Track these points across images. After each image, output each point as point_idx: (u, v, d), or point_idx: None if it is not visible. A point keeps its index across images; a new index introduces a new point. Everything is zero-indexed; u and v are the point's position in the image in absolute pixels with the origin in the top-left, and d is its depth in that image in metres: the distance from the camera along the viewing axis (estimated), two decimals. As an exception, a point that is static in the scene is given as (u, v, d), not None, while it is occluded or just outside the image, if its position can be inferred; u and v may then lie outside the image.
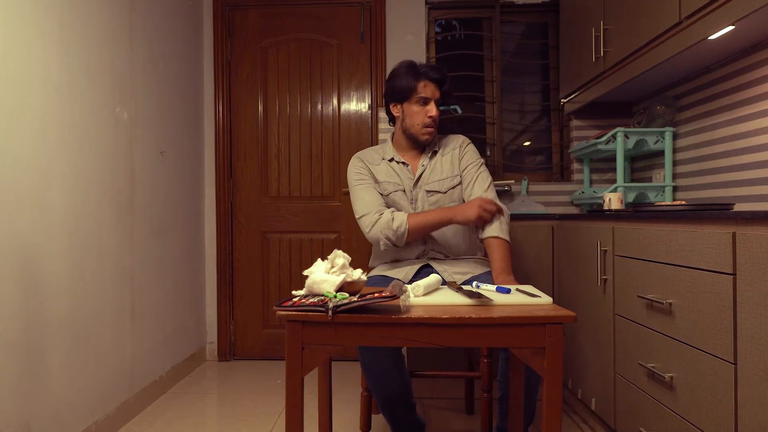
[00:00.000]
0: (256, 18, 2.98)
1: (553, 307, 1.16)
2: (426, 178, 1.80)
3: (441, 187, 1.79)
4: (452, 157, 1.83)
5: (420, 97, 1.74)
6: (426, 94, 1.74)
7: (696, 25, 1.62)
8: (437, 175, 1.80)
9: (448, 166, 1.82)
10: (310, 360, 1.10)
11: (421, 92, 1.73)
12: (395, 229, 1.67)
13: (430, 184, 1.79)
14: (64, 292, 1.73)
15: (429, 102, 1.74)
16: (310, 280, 1.23)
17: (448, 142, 1.88)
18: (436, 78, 1.74)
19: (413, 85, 1.73)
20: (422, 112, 1.75)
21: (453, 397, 2.32)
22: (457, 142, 1.87)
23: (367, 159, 1.86)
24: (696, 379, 1.23)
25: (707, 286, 1.18)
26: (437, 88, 1.75)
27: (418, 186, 1.80)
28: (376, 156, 1.87)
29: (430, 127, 1.77)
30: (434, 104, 1.75)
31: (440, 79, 1.74)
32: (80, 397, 1.80)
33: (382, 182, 1.81)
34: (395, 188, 1.80)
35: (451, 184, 1.80)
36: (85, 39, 1.86)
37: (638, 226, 1.53)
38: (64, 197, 1.73)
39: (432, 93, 1.74)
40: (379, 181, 1.81)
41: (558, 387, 1.06)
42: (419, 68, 1.75)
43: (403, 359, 1.68)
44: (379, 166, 1.83)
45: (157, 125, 2.41)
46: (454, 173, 1.81)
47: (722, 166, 1.99)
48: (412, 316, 1.08)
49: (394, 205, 1.80)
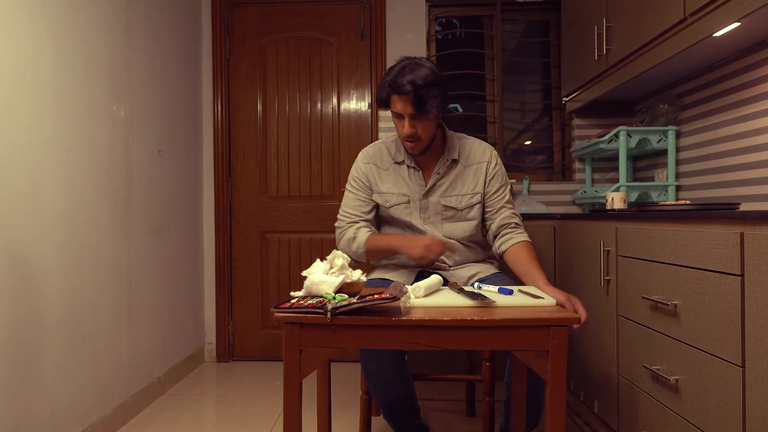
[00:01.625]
0: (255, 16, 2.95)
1: (556, 309, 1.13)
2: (442, 190, 1.65)
3: (459, 203, 1.65)
4: (477, 171, 1.66)
5: (393, 111, 1.55)
6: (396, 110, 1.53)
7: (701, 21, 1.60)
8: (457, 189, 1.65)
9: (471, 180, 1.65)
10: (308, 363, 1.08)
11: (392, 107, 1.53)
12: (354, 249, 1.64)
13: (448, 199, 1.65)
14: (59, 291, 1.70)
15: (402, 117, 1.53)
16: (309, 281, 1.20)
17: (472, 151, 1.68)
18: (404, 93, 1.47)
19: (386, 98, 1.53)
20: (399, 125, 1.56)
21: (454, 399, 2.30)
22: (484, 155, 1.67)
23: (376, 161, 1.71)
24: (702, 382, 1.21)
25: (714, 287, 1.16)
26: (408, 103, 1.48)
27: (429, 196, 1.66)
28: (387, 156, 1.70)
29: (410, 142, 1.57)
30: (408, 120, 1.51)
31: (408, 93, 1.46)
32: (76, 398, 1.78)
33: (385, 193, 1.68)
34: (399, 201, 1.67)
35: (470, 203, 1.65)
36: (80, 35, 1.83)
37: (642, 225, 1.50)
38: (58, 195, 1.71)
39: (402, 109, 1.50)
40: (382, 191, 1.68)
41: (562, 391, 1.04)
42: (393, 79, 1.49)
43: (406, 363, 1.63)
44: (387, 171, 1.68)
45: (155, 124, 2.38)
46: (475, 190, 1.65)
47: (726, 165, 1.97)
48: (413, 318, 1.05)
49: (396, 220, 1.68)
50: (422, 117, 1.50)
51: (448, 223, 1.66)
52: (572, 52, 2.58)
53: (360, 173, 1.72)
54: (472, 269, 1.67)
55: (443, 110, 1.56)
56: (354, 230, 1.66)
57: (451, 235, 1.67)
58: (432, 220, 1.67)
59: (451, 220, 1.66)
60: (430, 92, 1.46)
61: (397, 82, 1.47)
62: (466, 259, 1.71)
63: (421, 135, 1.55)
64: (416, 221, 1.67)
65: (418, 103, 1.47)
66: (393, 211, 1.68)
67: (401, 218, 1.68)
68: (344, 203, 1.73)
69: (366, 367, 1.57)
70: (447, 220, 1.66)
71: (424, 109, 1.48)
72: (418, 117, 1.50)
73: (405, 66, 1.50)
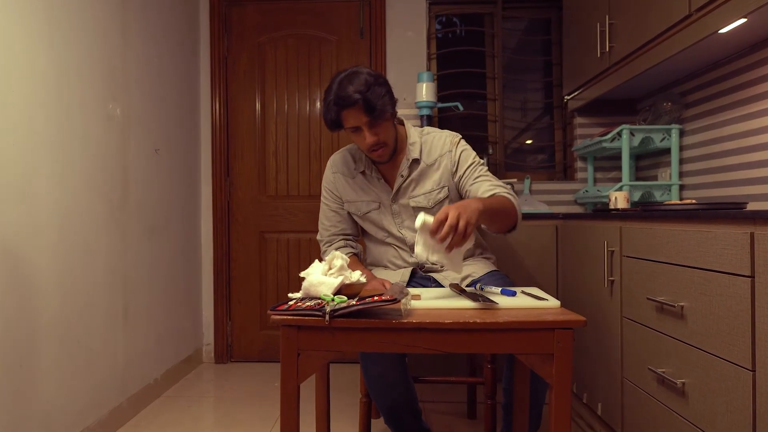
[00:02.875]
0: (254, 13, 2.92)
1: (561, 311, 1.10)
2: (408, 191, 1.60)
3: (427, 202, 1.59)
4: (439, 165, 1.60)
5: (348, 128, 1.48)
6: (351, 125, 1.46)
7: (706, 18, 1.57)
8: (422, 188, 1.59)
9: (435, 176, 1.59)
10: (306, 367, 1.05)
11: (346, 123, 1.47)
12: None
13: (416, 199, 1.59)
14: (52, 292, 1.67)
15: (360, 130, 1.47)
16: (307, 282, 1.17)
17: (433, 146, 1.61)
18: (350, 104, 1.42)
19: (336, 117, 1.47)
20: (359, 138, 1.49)
21: (455, 401, 2.27)
22: (444, 146, 1.60)
23: (342, 169, 1.67)
24: (710, 385, 1.18)
25: (723, 288, 1.13)
26: (360, 113, 1.42)
27: (398, 200, 1.61)
28: (350, 165, 1.66)
29: (375, 151, 1.51)
30: (366, 130, 1.45)
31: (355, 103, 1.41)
32: (70, 401, 1.75)
33: (355, 202, 1.65)
34: (369, 207, 1.63)
35: (437, 199, 1.59)
36: (74, 32, 1.80)
37: (648, 225, 1.47)
38: (51, 194, 1.68)
39: (356, 120, 1.44)
40: (352, 200, 1.65)
41: (567, 395, 1.01)
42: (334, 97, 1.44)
43: (407, 367, 1.60)
44: (355, 179, 1.65)
45: (152, 122, 2.35)
46: (441, 185, 1.59)
47: (731, 164, 1.94)
48: (413, 321, 1.03)
49: (373, 224, 1.65)
50: (379, 120, 1.46)
51: None
52: (574, 50, 2.55)
53: (329, 183, 1.70)
54: (465, 269, 1.61)
55: (394, 107, 1.51)
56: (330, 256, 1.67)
57: None
58: (407, 224, 1.62)
59: None
60: (376, 93, 1.42)
61: (341, 96, 1.42)
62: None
63: (384, 140, 1.50)
64: (391, 227, 1.64)
65: (369, 109, 1.42)
66: (368, 217, 1.65)
67: (378, 223, 1.65)
68: (321, 214, 1.73)
69: (366, 371, 1.53)
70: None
71: (378, 112, 1.43)
72: (375, 122, 1.46)
73: (342, 80, 1.45)
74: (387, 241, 1.67)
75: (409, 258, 1.64)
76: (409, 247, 1.63)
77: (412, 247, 1.61)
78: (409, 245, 1.62)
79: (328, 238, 1.71)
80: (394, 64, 2.84)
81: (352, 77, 1.44)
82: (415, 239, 1.20)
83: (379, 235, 1.68)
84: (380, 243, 1.70)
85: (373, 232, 1.69)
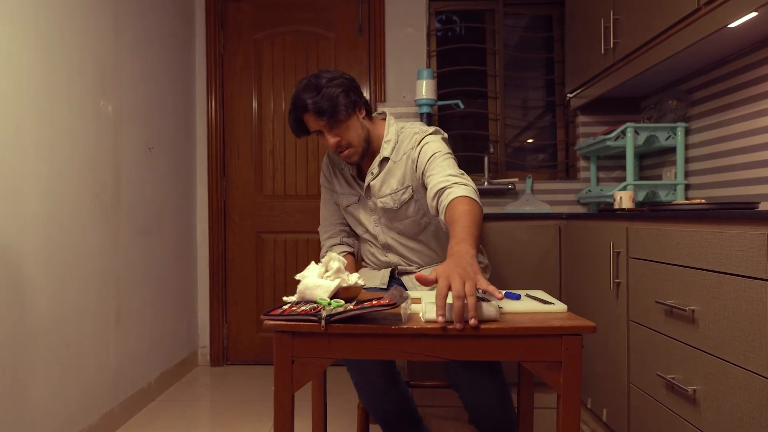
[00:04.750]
0: (250, 9, 2.87)
1: (568, 316, 1.05)
2: (377, 190, 1.53)
3: (393, 203, 1.51)
4: (403, 163, 1.50)
5: (313, 132, 1.47)
6: (312, 129, 1.46)
7: (716, 11, 1.52)
8: (388, 187, 1.51)
9: (400, 174, 1.50)
10: (301, 374, 1.00)
11: (309, 128, 1.46)
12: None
13: (383, 199, 1.52)
14: (40, 294, 1.62)
15: (322, 133, 1.45)
16: (302, 285, 1.12)
17: (402, 143, 1.52)
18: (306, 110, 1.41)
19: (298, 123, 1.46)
20: (325, 142, 1.47)
21: (457, 406, 2.21)
22: (411, 141, 1.50)
23: (334, 160, 1.65)
24: (723, 393, 1.13)
25: (737, 292, 1.08)
26: (316, 117, 1.41)
27: (370, 197, 1.56)
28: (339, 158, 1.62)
29: (343, 153, 1.48)
30: (327, 133, 1.43)
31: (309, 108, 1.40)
32: (59, 406, 1.69)
33: (340, 194, 1.63)
34: (350, 201, 1.61)
35: (402, 199, 1.50)
36: (63, 25, 1.75)
37: (656, 226, 1.42)
38: (39, 194, 1.62)
39: (315, 124, 1.43)
40: (338, 192, 1.64)
41: (576, 406, 0.95)
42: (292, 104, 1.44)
43: (399, 374, 1.54)
44: (342, 172, 1.63)
45: (145, 120, 2.30)
46: (404, 185, 1.49)
47: (739, 163, 1.89)
48: (413, 327, 0.97)
49: (353, 218, 1.62)
50: (336, 121, 1.42)
51: (396, 222, 1.55)
52: (577, 47, 2.50)
53: (324, 173, 1.70)
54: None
55: (355, 106, 1.45)
56: (326, 248, 1.67)
57: (403, 232, 1.56)
58: (383, 221, 1.57)
59: (395, 219, 1.54)
60: (327, 94, 1.39)
61: (296, 104, 1.43)
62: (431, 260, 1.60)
63: (348, 141, 1.45)
64: (368, 222, 1.60)
65: (319, 112, 1.39)
66: (348, 210, 1.64)
67: (356, 217, 1.62)
68: (321, 205, 1.73)
69: (354, 380, 1.48)
70: (393, 220, 1.55)
71: (329, 113, 1.39)
72: (333, 124, 1.42)
73: (299, 89, 1.43)
74: (364, 237, 1.65)
75: (381, 256, 1.62)
76: (381, 245, 1.60)
77: (383, 245, 1.60)
78: (381, 244, 1.60)
79: (327, 230, 1.70)
80: (393, 62, 2.79)
81: (307, 84, 1.42)
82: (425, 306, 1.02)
83: (358, 230, 1.66)
84: (360, 237, 1.69)
85: (354, 226, 1.68)
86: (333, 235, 1.69)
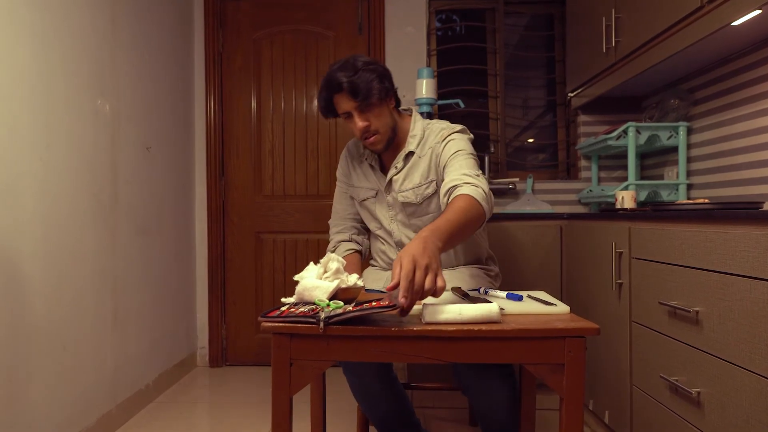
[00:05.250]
0: (249, 8, 2.85)
1: (571, 317, 1.03)
2: (399, 185, 1.52)
3: (415, 197, 1.50)
4: (430, 156, 1.49)
5: (340, 114, 1.45)
6: (342, 110, 1.44)
7: (719, 9, 1.50)
8: (411, 181, 1.50)
9: (424, 168, 1.49)
10: (299, 377, 0.98)
11: (338, 109, 1.44)
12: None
13: (405, 194, 1.50)
14: (36, 296, 1.60)
15: (351, 116, 1.43)
16: (301, 286, 1.10)
17: (429, 138, 1.52)
18: (339, 89, 1.39)
19: (328, 104, 1.44)
20: (352, 125, 1.45)
21: (457, 407, 2.20)
22: (438, 136, 1.49)
23: (353, 152, 1.64)
24: (728, 396, 1.11)
25: (743, 293, 1.06)
26: (348, 98, 1.39)
27: (391, 192, 1.54)
28: (361, 149, 1.61)
29: (368, 139, 1.45)
30: (357, 116, 1.41)
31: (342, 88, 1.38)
32: (56, 408, 1.68)
33: (357, 188, 1.61)
34: (367, 195, 1.58)
35: (425, 194, 1.49)
36: (60, 26, 1.73)
37: (659, 226, 1.41)
38: (35, 193, 1.60)
39: (346, 105, 1.41)
40: (354, 185, 1.62)
41: (579, 409, 0.94)
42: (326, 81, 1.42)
43: (395, 377, 1.52)
44: (361, 165, 1.61)
45: (143, 120, 2.28)
46: (429, 179, 1.49)
47: (742, 162, 1.87)
48: (414, 329, 0.95)
49: (369, 213, 1.59)
50: (367, 104, 1.40)
51: (414, 219, 1.53)
52: (578, 46, 2.48)
53: (341, 167, 1.67)
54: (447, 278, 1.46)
55: (387, 93, 1.45)
56: (335, 243, 1.64)
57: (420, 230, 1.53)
58: (399, 218, 1.55)
59: (414, 215, 1.53)
60: (363, 77, 1.38)
61: (329, 82, 1.41)
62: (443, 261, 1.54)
63: (376, 127, 1.44)
64: (384, 218, 1.57)
65: (353, 92, 1.38)
66: (364, 205, 1.61)
67: (372, 212, 1.59)
68: (334, 198, 1.70)
69: (350, 384, 1.46)
70: (411, 216, 1.53)
71: (363, 95, 1.38)
72: (364, 107, 1.41)
73: (334, 68, 1.42)
74: (377, 233, 1.62)
75: (393, 255, 1.58)
76: (395, 243, 1.57)
77: (397, 243, 1.56)
78: (395, 241, 1.57)
79: (338, 224, 1.67)
80: (393, 61, 2.77)
81: (344, 63, 1.41)
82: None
83: (371, 225, 1.63)
84: (372, 234, 1.66)
85: (367, 221, 1.64)
86: (343, 230, 1.65)
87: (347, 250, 1.59)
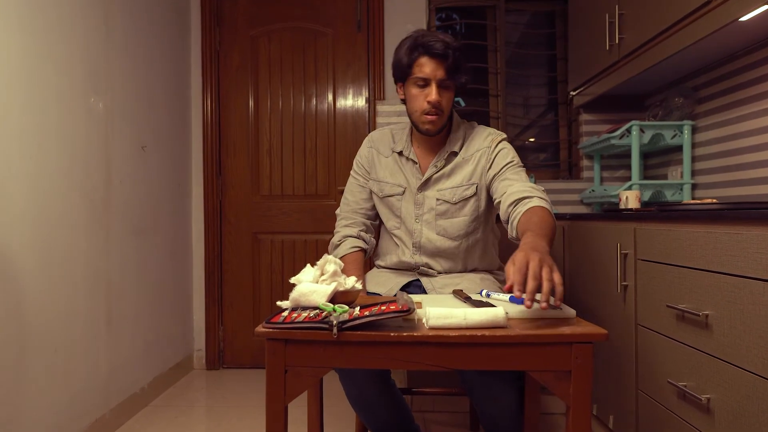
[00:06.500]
0: (247, 5, 2.81)
1: (578, 322, 1.00)
2: (438, 183, 1.49)
3: (452, 197, 1.48)
4: (474, 160, 1.48)
5: (417, 77, 1.39)
6: (423, 74, 1.38)
7: (727, 4, 1.46)
8: (451, 181, 1.49)
9: (469, 171, 1.48)
10: (294, 385, 0.94)
11: (417, 72, 1.39)
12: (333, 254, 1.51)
13: (443, 192, 1.48)
14: (27, 297, 1.56)
15: (429, 84, 1.39)
16: (297, 292, 1.06)
17: (474, 140, 1.51)
18: (437, 53, 1.36)
19: (409, 62, 1.39)
20: (421, 95, 1.40)
21: (458, 411, 2.16)
22: (485, 141, 1.49)
23: (379, 146, 1.59)
24: (740, 403, 1.07)
25: (755, 296, 1.02)
26: (440, 66, 1.36)
27: (425, 190, 1.51)
28: (388, 143, 1.58)
29: (431, 115, 1.41)
30: (435, 86, 1.38)
31: (442, 54, 1.36)
32: (47, 413, 1.63)
33: (381, 182, 1.55)
34: (394, 191, 1.53)
35: (463, 195, 1.47)
36: (50, 20, 1.69)
37: (666, 227, 1.37)
38: (24, 193, 1.56)
39: (432, 72, 1.37)
40: (379, 179, 1.56)
41: (587, 417, 0.90)
42: (419, 40, 1.38)
43: (393, 384, 1.48)
44: (388, 158, 1.56)
45: (138, 118, 2.24)
46: (470, 181, 1.47)
47: (748, 161, 1.83)
48: (414, 334, 0.92)
49: (390, 210, 1.55)
50: (452, 83, 1.40)
51: (442, 220, 1.49)
52: (580, 43, 2.44)
53: (362, 158, 1.61)
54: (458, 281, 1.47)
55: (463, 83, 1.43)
56: (341, 236, 1.57)
57: (444, 233, 1.49)
58: (426, 218, 1.50)
59: (444, 216, 1.49)
60: (462, 57, 1.39)
61: (428, 42, 1.37)
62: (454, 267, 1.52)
63: (444, 107, 1.42)
64: (408, 217, 1.52)
65: (451, 66, 1.37)
66: (387, 201, 1.55)
67: (395, 209, 1.54)
68: (346, 188, 1.64)
69: (347, 391, 1.41)
70: (441, 216, 1.49)
71: (456, 74, 1.38)
72: (447, 84, 1.40)
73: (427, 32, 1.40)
74: (394, 233, 1.56)
75: (406, 256, 1.52)
76: (413, 244, 1.52)
77: (416, 244, 1.51)
78: (414, 242, 1.52)
79: (347, 217, 1.60)
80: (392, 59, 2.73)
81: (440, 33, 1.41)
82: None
83: (389, 224, 1.56)
84: (386, 232, 1.60)
85: (385, 218, 1.58)
86: (352, 225, 1.58)
87: (353, 247, 1.53)
